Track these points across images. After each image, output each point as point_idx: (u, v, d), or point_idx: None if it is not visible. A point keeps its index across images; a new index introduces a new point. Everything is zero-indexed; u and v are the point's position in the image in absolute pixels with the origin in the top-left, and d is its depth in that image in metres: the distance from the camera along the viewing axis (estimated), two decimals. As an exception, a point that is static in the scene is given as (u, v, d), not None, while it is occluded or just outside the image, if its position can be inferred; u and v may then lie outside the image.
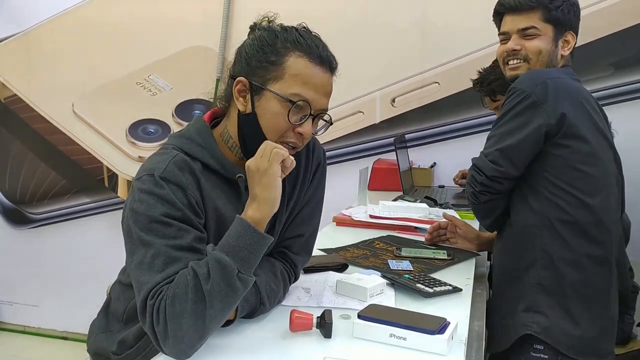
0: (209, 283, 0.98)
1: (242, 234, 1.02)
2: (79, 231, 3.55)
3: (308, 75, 1.13)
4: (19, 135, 3.56)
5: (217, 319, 1.01)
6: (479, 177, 1.53)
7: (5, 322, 3.72)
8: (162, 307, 0.99)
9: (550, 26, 1.60)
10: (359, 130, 3.03)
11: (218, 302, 0.99)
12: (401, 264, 1.63)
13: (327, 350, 1.08)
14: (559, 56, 1.62)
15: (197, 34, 3.22)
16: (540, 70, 1.58)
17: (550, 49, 1.60)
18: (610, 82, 2.69)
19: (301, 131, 1.15)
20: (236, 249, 1.01)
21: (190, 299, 0.98)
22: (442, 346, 1.07)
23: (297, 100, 1.12)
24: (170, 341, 0.99)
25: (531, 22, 1.60)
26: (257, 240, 1.03)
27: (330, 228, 2.13)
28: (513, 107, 1.51)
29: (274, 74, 1.13)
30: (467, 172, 2.75)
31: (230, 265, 1.00)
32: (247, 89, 1.15)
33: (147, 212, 1.06)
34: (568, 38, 1.63)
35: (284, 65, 1.13)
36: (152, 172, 1.09)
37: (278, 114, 1.13)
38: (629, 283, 2.46)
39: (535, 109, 1.48)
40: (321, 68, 1.15)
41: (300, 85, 1.12)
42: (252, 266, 1.03)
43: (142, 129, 3.31)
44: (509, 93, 1.54)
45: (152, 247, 1.04)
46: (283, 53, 1.13)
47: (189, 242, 1.05)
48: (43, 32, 3.46)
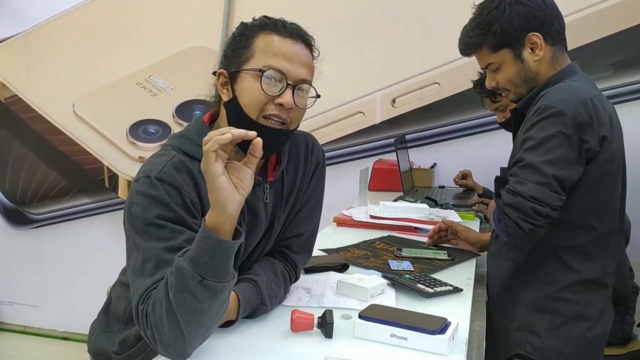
0: (172, 291, 0.96)
1: (200, 239, 0.96)
2: (80, 231, 3.55)
3: (276, 46, 1.14)
4: (19, 135, 3.56)
5: (193, 325, 0.97)
6: (542, 210, 1.35)
7: (5, 323, 3.72)
8: (148, 313, 0.99)
9: (503, 51, 1.51)
10: (360, 130, 3.03)
11: (185, 309, 0.95)
12: (402, 264, 1.63)
13: (328, 350, 1.08)
14: (532, 66, 1.51)
15: (197, 35, 3.22)
16: (570, 87, 1.45)
17: (519, 69, 1.51)
18: (611, 82, 2.69)
19: (281, 101, 1.12)
20: (197, 255, 0.95)
21: (164, 307, 0.97)
22: (443, 346, 1.07)
23: (266, 69, 1.12)
24: (159, 346, 0.99)
25: (485, 60, 1.55)
26: (216, 244, 0.95)
27: (330, 228, 2.13)
28: (560, 131, 1.37)
29: (245, 56, 1.15)
30: (467, 173, 2.77)
31: (188, 272, 0.94)
32: (227, 79, 1.17)
33: (143, 214, 1.06)
34: (533, 40, 1.49)
35: (253, 45, 1.15)
36: (148, 173, 1.09)
37: (253, 89, 1.13)
38: (629, 283, 2.46)
39: (582, 131, 1.38)
40: (291, 39, 1.15)
41: (270, 57, 1.13)
42: (218, 272, 0.96)
43: (142, 130, 3.31)
44: (544, 112, 1.39)
45: (143, 250, 1.04)
46: (252, 36, 1.16)
47: (181, 243, 1.05)
48: (44, 33, 3.46)
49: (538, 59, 1.51)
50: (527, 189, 1.36)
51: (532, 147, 1.39)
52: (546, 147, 1.37)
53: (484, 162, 2.77)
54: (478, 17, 1.54)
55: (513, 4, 1.49)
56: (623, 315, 2.44)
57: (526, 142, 1.41)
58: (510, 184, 1.40)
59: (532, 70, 1.51)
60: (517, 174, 1.40)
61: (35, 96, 3.48)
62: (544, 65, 1.52)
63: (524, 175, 1.38)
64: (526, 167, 1.38)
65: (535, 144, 1.39)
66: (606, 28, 2.67)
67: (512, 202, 1.37)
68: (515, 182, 1.39)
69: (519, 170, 1.40)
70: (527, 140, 1.41)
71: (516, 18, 1.48)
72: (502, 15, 1.49)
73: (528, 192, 1.36)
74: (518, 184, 1.38)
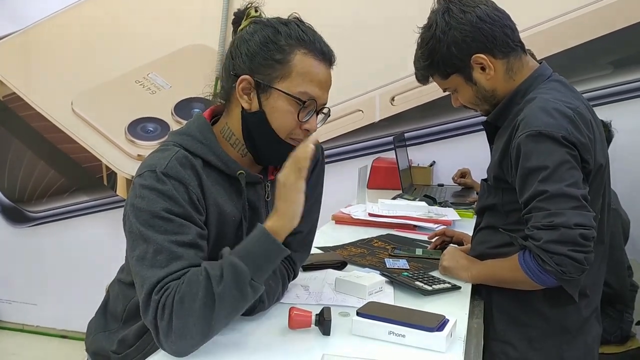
0: (220, 286, 0.99)
1: (259, 242, 1.03)
2: (78, 229, 3.55)
3: (314, 73, 1.14)
4: (17, 133, 3.55)
5: (222, 322, 1.02)
6: (589, 233, 1.25)
7: (3, 321, 3.72)
8: (169, 304, 0.99)
9: (453, 77, 1.45)
10: (359, 128, 3.03)
11: (227, 305, 1.00)
12: (398, 263, 1.63)
13: (326, 347, 1.08)
14: (488, 85, 1.44)
15: (196, 33, 3.22)
16: (549, 104, 1.35)
17: (474, 90, 1.46)
18: (610, 80, 2.69)
19: (308, 127, 1.16)
20: (252, 256, 1.02)
21: (200, 299, 0.98)
22: (441, 343, 1.07)
23: (306, 99, 1.13)
24: (173, 338, 0.99)
25: (441, 86, 1.52)
26: (274, 249, 1.03)
27: (329, 226, 2.13)
28: (567, 153, 1.30)
29: (280, 72, 1.13)
30: (466, 171, 2.77)
31: (244, 271, 1.00)
32: (252, 87, 1.15)
33: (149, 207, 1.06)
34: (478, 61, 1.41)
35: (290, 63, 1.13)
36: (154, 168, 1.09)
37: (287, 113, 1.13)
38: (627, 282, 2.46)
39: (582, 152, 1.32)
40: (324, 64, 1.16)
41: (307, 84, 1.13)
42: (264, 275, 1.04)
43: (141, 127, 3.30)
44: (538, 139, 1.30)
45: (154, 242, 1.04)
46: (288, 51, 1.13)
47: (191, 239, 1.06)
48: (42, 31, 3.45)
49: (490, 77, 1.43)
50: (567, 218, 1.24)
51: (548, 177, 1.28)
52: (561, 173, 1.29)
53: (483, 160, 2.74)
54: (420, 47, 1.48)
55: (447, 32, 1.41)
56: (621, 314, 2.45)
57: (535, 174, 1.30)
58: (541, 221, 1.27)
59: (488, 89, 1.45)
60: (545, 208, 1.27)
61: (34, 94, 3.48)
62: (499, 80, 1.44)
63: (555, 206, 1.26)
64: (553, 197, 1.27)
65: (550, 173, 1.28)
66: (605, 26, 2.67)
67: (555, 238, 1.24)
68: (546, 215, 1.26)
69: (545, 204, 1.27)
70: (535, 172, 1.30)
71: (454, 46, 1.41)
72: (438, 45, 1.43)
73: (570, 220, 1.24)
74: (554, 217, 1.25)
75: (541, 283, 1.31)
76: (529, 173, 1.31)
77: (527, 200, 1.31)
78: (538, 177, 1.29)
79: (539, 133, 1.31)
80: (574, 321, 1.43)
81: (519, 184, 1.35)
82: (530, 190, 1.30)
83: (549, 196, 1.27)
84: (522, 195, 1.34)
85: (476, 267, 1.48)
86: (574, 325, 1.43)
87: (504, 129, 1.45)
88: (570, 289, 1.33)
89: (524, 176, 1.33)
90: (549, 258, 1.25)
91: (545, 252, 1.25)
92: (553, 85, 1.44)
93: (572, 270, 1.25)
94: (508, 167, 1.40)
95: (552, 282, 1.29)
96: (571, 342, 1.43)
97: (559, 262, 1.24)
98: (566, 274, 1.25)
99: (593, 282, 1.45)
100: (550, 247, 1.24)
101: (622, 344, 2.45)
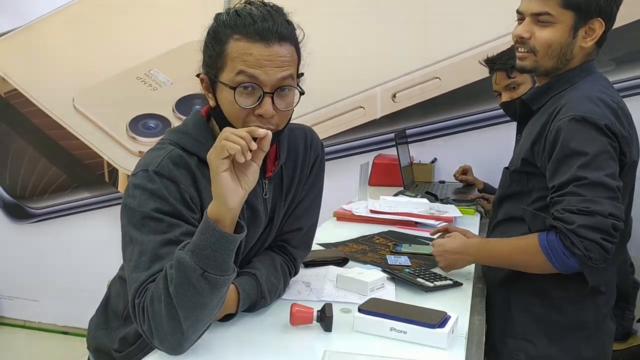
0: (172, 285, 0.96)
1: (202, 231, 0.97)
2: (80, 226, 3.55)
3: (246, 54, 1.07)
4: (19, 129, 3.55)
5: (192, 319, 0.97)
6: (619, 225, 1.27)
7: (5, 317, 3.72)
8: (145, 306, 0.99)
9: (569, 13, 1.37)
10: (360, 125, 3.02)
11: (186, 302, 0.96)
12: (399, 259, 1.63)
13: (328, 343, 1.08)
14: (576, 48, 1.40)
15: (197, 29, 3.18)
16: (591, 92, 1.36)
17: (564, 41, 1.39)
18: (612, 77, 2.67)
19: (260, 112, 1.08)
20: (199, 247, 0.96)
21: (163, 300, 0.97)
22: (443, 340, 1.07)
23: (237, 85, 1.07)
24: (156, 340, 1.00)
25: (545, 8, 1.38)
26: (219, 237, 0.96)
27: (330, 223, 2.13)
28: (608, 143, 1.30)
29: (220, 63, 1.10)
30: (467, 168, 2.76)
31: (190, 265, 0.95)
32: (208, 84, 1.14)
33: (139, 208, 1.06)
34: (594, 26, 1.38)
35: (225, 52, 1.09)
36: (146, 167, 1.09)
37: (231, 102, 1.09)
38: (629, 279, 2.46)
39: (622, 144, 1.32)
40: (262, 42, 1.07)
41: (240, 67, 1.07)
42: (220, 265, 0.96)
43: (142, 124, 3.30)
44: (581, 123, 1.30)
45: (139, 244, 1.04)
46: (224, 40, 1.10)
47: (178, 236, 1.04)
48: (43, 27, 3.44)
49: (584, 46, 1.40)
50: (604, 208, 1.25)
51: (588, 164, 1.28)
52: (600, 161, 1.29)
53: (485, 157, 2.77)
54: None
55: None
56: (623, 311, 2.44)
57: (573, 158, 1.30)
58: (577, 205, 1.27)
59: (573, 52, 1.40)
60: (581, 194, 1.27)
61: (35, 90, 3.47)
62: (582, 54, 1.42)
63: (593, 194, 1.26)
64: (592, 185, 1.27)
65: (590, 160, 1.28)
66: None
67: (589, 223, 1.24)
68: (582, 201, 1.26)
69: (583, 190, 1.27)
70: (573, 156, 1.30)
71: None
72: None
73: (606, 209, 1.25)
74: (591, 203, 1.25)
75: (561, 266, 1.30)
76: (568, 156, 1.31)
77: (563, 184, 1.30)
78: (577, 162, 1.29)
79: (583, 118, 1.31)
80: (592, 317, 1.44)
81: (553, 167, 1.33)
82: (567, 174, 1.29)
83: (587, 183, 1.27)
84: (555, 178, 1.32)
85: (473, 249, 1.46)
86: (592, 321, 1.44)
87: (542, 112, 1.44)
88: (590, 276, 1.32)
89: (561, 159, 1.32)
90: (579, 242, 1.24)
91: (577, 235, 1.25)
92: (598, 79, 1.44)
93: (598, 258, 1.25)
94: (540, 151, 1.39)
95: (575, 266, 1.29)
96: (590, 338, 1.44)
97: (588, 248, 1.24)
98: (592, 260, 1.25)
99: (610, 279, 1.46)
100: (582, 232, 1.24)
101: (624, 341, 2.45)
